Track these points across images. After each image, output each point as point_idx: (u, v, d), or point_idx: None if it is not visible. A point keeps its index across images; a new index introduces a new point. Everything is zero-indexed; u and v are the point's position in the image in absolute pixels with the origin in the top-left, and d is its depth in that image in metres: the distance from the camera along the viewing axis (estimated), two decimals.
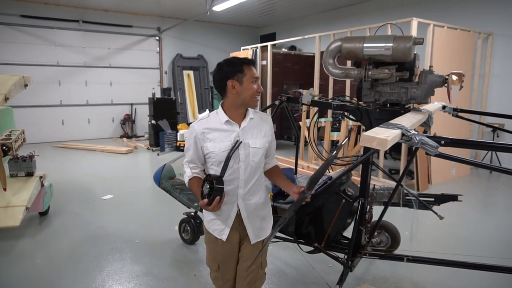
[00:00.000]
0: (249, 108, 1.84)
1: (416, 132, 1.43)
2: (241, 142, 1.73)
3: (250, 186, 1.82)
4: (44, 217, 4.22)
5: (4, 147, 3.44)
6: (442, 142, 1.44)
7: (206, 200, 1.61)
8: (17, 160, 4.01)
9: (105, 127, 10.47)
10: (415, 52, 2.15)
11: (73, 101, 9.91)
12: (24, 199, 3.60)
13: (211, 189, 1.60)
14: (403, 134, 1.41)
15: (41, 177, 4.09)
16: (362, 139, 1.25)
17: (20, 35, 8.97)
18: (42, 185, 4.10)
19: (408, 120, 1.70)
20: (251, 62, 1.77)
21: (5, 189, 3.39)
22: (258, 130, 1.84)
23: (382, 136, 1.24)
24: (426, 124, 2.12)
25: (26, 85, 3.63)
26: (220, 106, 1.84)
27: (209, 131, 1.77)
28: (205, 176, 1.71)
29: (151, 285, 2.85)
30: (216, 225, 1.86)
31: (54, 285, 2.87)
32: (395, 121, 1.63)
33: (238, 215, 1.84)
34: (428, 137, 1.43)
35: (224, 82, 1.75)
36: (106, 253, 3.39)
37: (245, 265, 1.88)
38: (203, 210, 1.87)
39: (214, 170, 1.78)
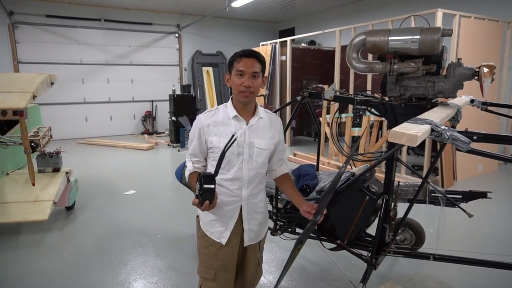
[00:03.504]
0: (259, 107, 1.76)
1: (446, 128, 1.38)
2: (236, 138, 1.57)
3: (252, 187, 1.74)
4: (70, 212, 4.35)
5: (32, 144, 3.56)
6: (475, 137, 1.38)
7: (197, 201, 1.48)
8: (44, 156, 4.14)
9: (126, 124, 10.67)
10: (443, 44, 2.07)
11: (96, 98, 10.15)
12: (52, 194, 3.71)
13: (201, 190, 1.44)
14: (432, 130, 1.36)
15: (67, 172, 4.21)
16: (391, 135, 1.22)
17: (45, 35, 9.24)
18: (68, 180, 4.22)
19: (437, 115, 1.64)
20: (243, 54, 1.64)
21: (33, 184, 3.52)
22: (265, 131, 1.74)
23: (412, 132, 1.20)
24: (455, 119, 2.05)
25: (52, 83, 3.73)
26: (230, 99, 1.75)
27: (215, 124, 1.68)
28: (198, 173, 1.55)
29: (174, 280, 2.89)
30: (216, 227, 1.73)
31: (82, 278, 2.95)
32: (423, 116, 1.57)
33: (240, 217, 1.74)
34: (459, 132, 1.38)
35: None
36: (129, 247, 3.46)
37: (251, 269, 1.88)
38: (200, 212, 1.78)
39: (214, 166, 1.63)
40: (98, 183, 5.63)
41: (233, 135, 1.55)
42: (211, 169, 1.72)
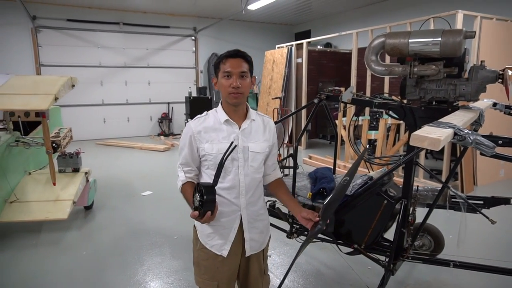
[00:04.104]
0: (251, 109, 1.70)
1: (469, 132, 1.35)
2: (236, 145, 1.50)
3: (250, 194, 1.66)
4: (88, 211, 4.44)
5: (54, 144, 3.65)
6: (500, 142, 1.35)
7: (197, 213, 1.40)
8: (65, 156, 4.23)
9: (143, 125, 10.83)
10: (465, 47, 2.03)
11: (114, 100, 10.35)
12: (71, 194, 3.80)
13: (201, 201, 1.37)
14: (455, 134, 1.33)
15: (86, 173, 4.29)
16: (412, 138, 1.20)
17: (66, 38, 9.48)
18: (87, 180, 4.30)
19: (459, 119, 1.61)
20: (229, 55, 1.58)
21: (54, 184, 3.61)
22: (259, 133, 1.68)
23: (434, 135, 1.18)
24: (477, 123, 2.00)
25: (73, 86, 3.82)
26: (220, 104, 1.69)
27: (206, 130, 1.61)
28: (196, 184, 1.47)
29: (190, 281, 2.91)
30: (216, 239, 1.66)
31: (99, 276, 3.01)
32: (445, 119, 1.54)
33: (241, 226, 1.67)
34: (483, 136, 1.35)
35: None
36: (146, 247, 3.51)
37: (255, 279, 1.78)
38: (197, 224, 1.72)
39: (210, 174, 1.61)
40: (116, 183, 5.72)
41: (232, 143, 1.47)
42: (206, 178, 1.65)
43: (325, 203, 1.56)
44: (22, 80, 3.57)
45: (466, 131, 1.34)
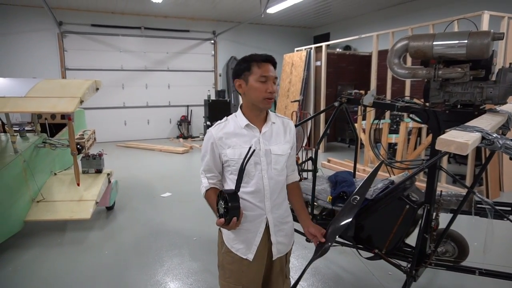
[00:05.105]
0: (270, 112, 1.70)
1: (498, 136, 1.31)
2: (254, 150, 1.49)
3: (275, 197, 1.67)
4: (110, 212, 4.53)
5: (78, 146, 3.75)
6: None
7: (223, 220, 1.43)
8: (88, 158, 4.34)
9: (163, 128, 11.00)
10: (492, 49, 1.98)
11: (135, 103, 10.55)
12: (94, 194, 3.89)
13: (226, 208, 1.41)
14: (483, 138, 1.30)
15: (108, 174, 4.40)
16: (439, 142, 1.18)
17: (90, 43, 9.76)
18: (109, 181, 4.40)
19: (487, 123, 1.57)
20: (265, 59, 1.58)
21: (78, 185, 3.71)
22: (280, 135, 1.68)
23: (462, 139, 1.15)
24: (505, 127, 1.94)
25: (97, 89, 3.92)
26: (239, 108, 1.69)
27: (227, 136, 1.62)
28: (219, 191, 1.50)
29: (209, 282, 2.93)
30: (241, 243, 1.66)
31: (121, 275, 3.07)
32: (471, 123, 1.51)
33: (266, 230, 1.67)
34: None
35: (233, 81, 1.65)
36: (166, 248, 3.55)
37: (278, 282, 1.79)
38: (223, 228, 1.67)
39: (233, 180, 1.60)
40: (136, 185, 5.83)
41: (250, 147, 1.47)
42: (229, 183, 1.66)
43: (330, 226, 1.64)
44: (49, 83, 3.68)
45: (494, 135, 1.31)
